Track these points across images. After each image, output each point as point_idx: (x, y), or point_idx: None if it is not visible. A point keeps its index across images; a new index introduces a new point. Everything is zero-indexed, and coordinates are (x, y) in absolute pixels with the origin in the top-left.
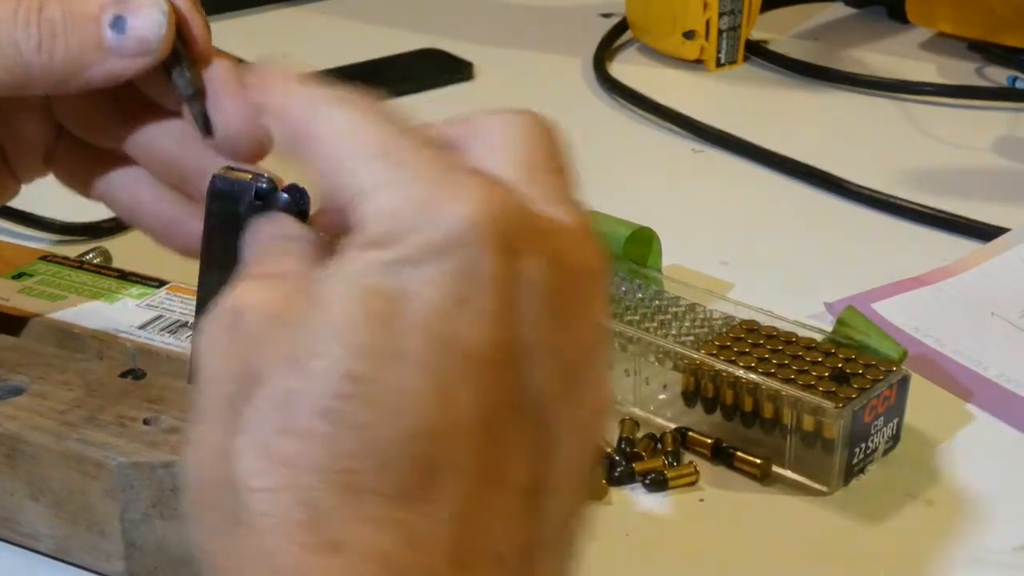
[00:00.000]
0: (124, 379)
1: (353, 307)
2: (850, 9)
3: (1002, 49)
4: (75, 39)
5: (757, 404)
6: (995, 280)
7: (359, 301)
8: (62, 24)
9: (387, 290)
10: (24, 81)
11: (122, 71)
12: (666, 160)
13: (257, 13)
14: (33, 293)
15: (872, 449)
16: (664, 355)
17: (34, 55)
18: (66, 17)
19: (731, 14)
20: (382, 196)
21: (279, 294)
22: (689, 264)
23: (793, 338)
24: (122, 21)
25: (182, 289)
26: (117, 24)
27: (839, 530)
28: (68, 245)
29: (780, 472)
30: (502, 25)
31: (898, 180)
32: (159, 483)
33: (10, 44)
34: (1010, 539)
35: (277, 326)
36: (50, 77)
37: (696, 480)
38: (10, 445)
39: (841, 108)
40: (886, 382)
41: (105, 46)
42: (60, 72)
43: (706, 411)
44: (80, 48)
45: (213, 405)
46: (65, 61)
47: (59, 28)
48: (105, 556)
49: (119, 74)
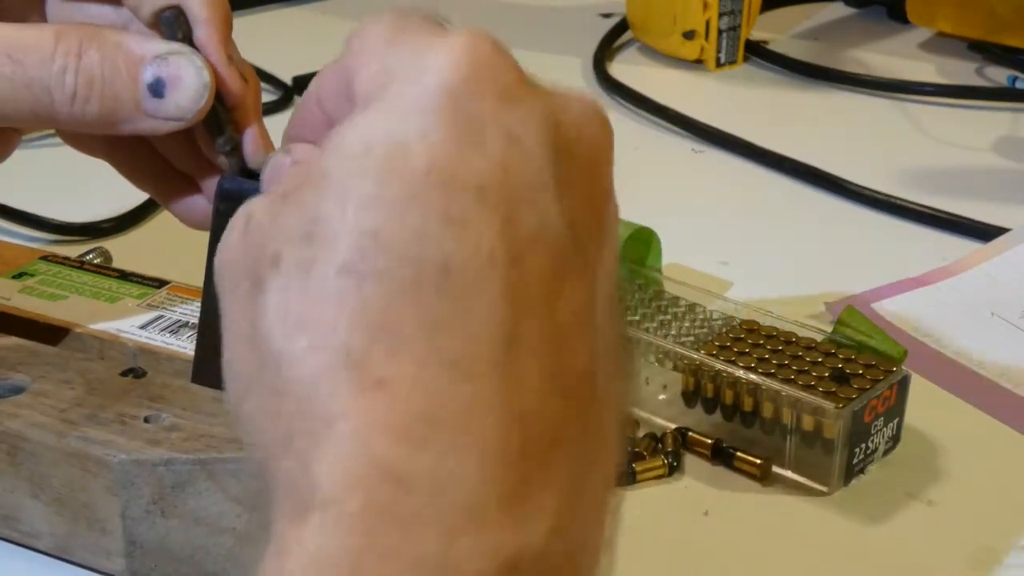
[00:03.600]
0: (125, 378)
1: (353, 166)
2: (850, 9)
3: (1002, 49)
4: (111, 95)
5: (757, 404)
6: (995, 280)
7: (359, 160)
8: (100, 77)
9: (385, 144)
10: (50, 125)
11: (154, 130)
12: (666, 160)
13: (257, 13)
14: (33, 293)
15: (872, 449)
16: (664, 355)
17: (65, 104)
18: (105, 68)
19: (731, 14)
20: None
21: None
22: (689, 264)
23: (793, 338)
24: (162, 85)
25: (183, 289)
26: (156, 87)
27: (839, 530)
28: (68, 245)
29: (780, 472)
30: (502, 25)
31: (898, 180)
32: (160, 480)
33: (42, 88)
34: (1010, 539)
35: (286, 211)
36: (78, 125)
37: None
38: (11, 443)
39: (841, 108)
40: (886, 382)
41: (141, 107)
42: (89, 123)
43: (706, 411)
44: (115, 105)
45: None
46: (96, 116)
47: (96, 80)
48: (106, 554)
49: (150, 132)
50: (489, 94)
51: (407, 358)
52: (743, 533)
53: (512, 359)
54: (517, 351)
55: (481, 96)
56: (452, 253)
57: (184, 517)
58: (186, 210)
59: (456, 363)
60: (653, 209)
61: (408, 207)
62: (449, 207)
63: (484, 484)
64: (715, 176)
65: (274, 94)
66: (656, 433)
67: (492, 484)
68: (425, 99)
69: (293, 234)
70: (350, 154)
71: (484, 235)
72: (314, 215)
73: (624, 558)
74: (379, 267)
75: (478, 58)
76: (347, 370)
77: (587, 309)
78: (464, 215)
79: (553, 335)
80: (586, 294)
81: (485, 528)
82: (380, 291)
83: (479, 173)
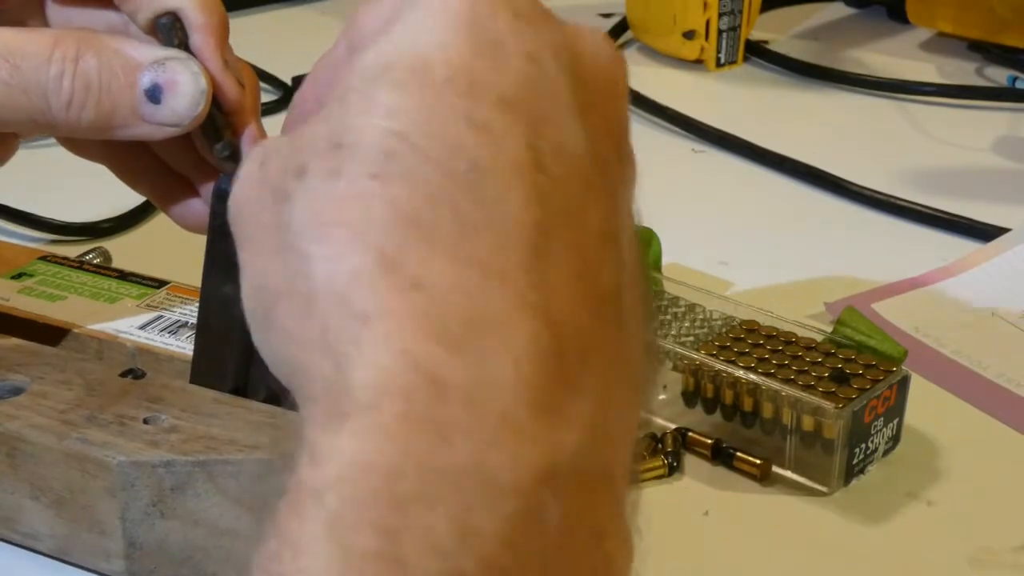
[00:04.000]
0: (124, 379)
1: (375, 81)
2: (850, 9)
3: (1002, 49)
4: (108, 101)
5: (757, 404)
6: (995, 280)
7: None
8: (97, 83)
9: (405, 58)
10: (47, 131)
11: (150, 136)
12: (666, 160)
13: (257, 13)
14: (33, 293)
15: (872, 449)
16: (664, 355)
17: (62, 111)
18: (103, 74)
19: (731, 14)
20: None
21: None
22: (689, 264)
23: (793, 338)
24: (159, 91)
25: (182, 289)
26: (153, 93)
27: (839, 530)
28: (68, 245)
29: (780, 472)
30: None
31: (898, 180)
32: (159, 482)
33: (39, 95)
34: (1010, 539)
35: (310, 130)
36: (75, 130)
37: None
38: (10, 444)
39: (841, 108)
40: (886, 382)
41: (138, 113)
42: (86, 129)
43: (706, 411)
44: (112, 110)
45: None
46: (93, 121)
47: (94, 86)
48: (105, 555)
49: (146, 138)
50: (505, 14)
51: (441, 259)
52: (743, 533)
53: (543, 266)
54: (547, 258)
55: (497, 16)
56: (479, 156)
57: (184, 519)
58: (183, 213)
59: (488, 265)
60: (653, 209)
61: (433, 112)
62: (473, 113)
63: (519, 391)
64: (715, 176)
65: (274, 94)
66: (656, 433)
67: (527, 391)
68: (441, 17)
69: (320, 145)
70: (371, 71)
71: (509, 141)
72: (340, 126)
73: None
74: (408, 168)
75: None
76: (382, 270)
77: (611, 229)
78: (488, 122)
79: (580, 249)
80: (611, 213)
81: (520, 438)
82: (411, 192)
83: (501, 85)
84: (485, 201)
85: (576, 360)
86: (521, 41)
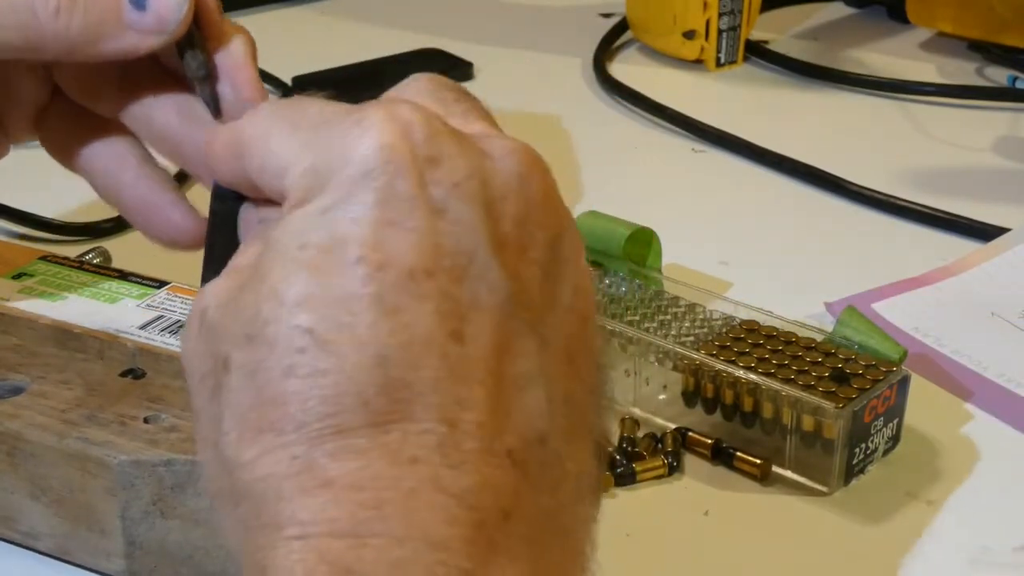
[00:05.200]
0: (124, 378)
1: (287, 267)
2: (850, 9)
3: (1002, 49)
4: (94, 9)
5: (757, 404)
6: (995, 280)
7: (292, 259)
8: None
9: (317, 239)
10: (35, 45)
11: (136, 47)
12: (666, 160)
13: (257, 13)
14: (33, 293)
15: (872, 449)
16: (664, 355)
17: (50, 20)
18: None
19: (731, 14)
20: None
21: (235, 282)
22: (689, 264)
23: (793, 338)
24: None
25: (182, 289)
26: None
27: (839, 530)
28: (68, 245)
29: (780, 472)
30: (502, 25)
31: (898, 180)
32: (160, 481)
33: (26, 7)
34: (1010, 539)
35: (232, 311)
36: (63, 44)
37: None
38: (11, 444)
39: (841, 108)
40: (886, 382)
41: (123, 20)
42: (74, 41)
43: (706, 411)
44: (99, 19)
45: (201, 405)
46: (81, 30)
47: None
48: (105, 555)
49: (132, 50)
50: (410, 169)
51: (350, 454)
52: (743, 533)
53: (455, 440)
54: (457, 431)
55: (404, 173)
56: (387, 345)
57: (184, 518)
58: (164, 227)
59: (397, 452)
60: (653, 209)
61: (341, 303)
62: (382, 297)
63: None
64: (715, 176)
65: (274, 94)
66: (656, 433)
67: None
68: (352, 190)
69: (238, 336)
70: (286, 252)
71: (418, 321)
72: (254, 315)
73: (624, 558)
74: (318, 367)
75: (397, 131)
76: (295, 474)
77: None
78: (396, 304)
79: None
80: (536, 348)
81: None
82: (321, 390)
83: (408, 256)
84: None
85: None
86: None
